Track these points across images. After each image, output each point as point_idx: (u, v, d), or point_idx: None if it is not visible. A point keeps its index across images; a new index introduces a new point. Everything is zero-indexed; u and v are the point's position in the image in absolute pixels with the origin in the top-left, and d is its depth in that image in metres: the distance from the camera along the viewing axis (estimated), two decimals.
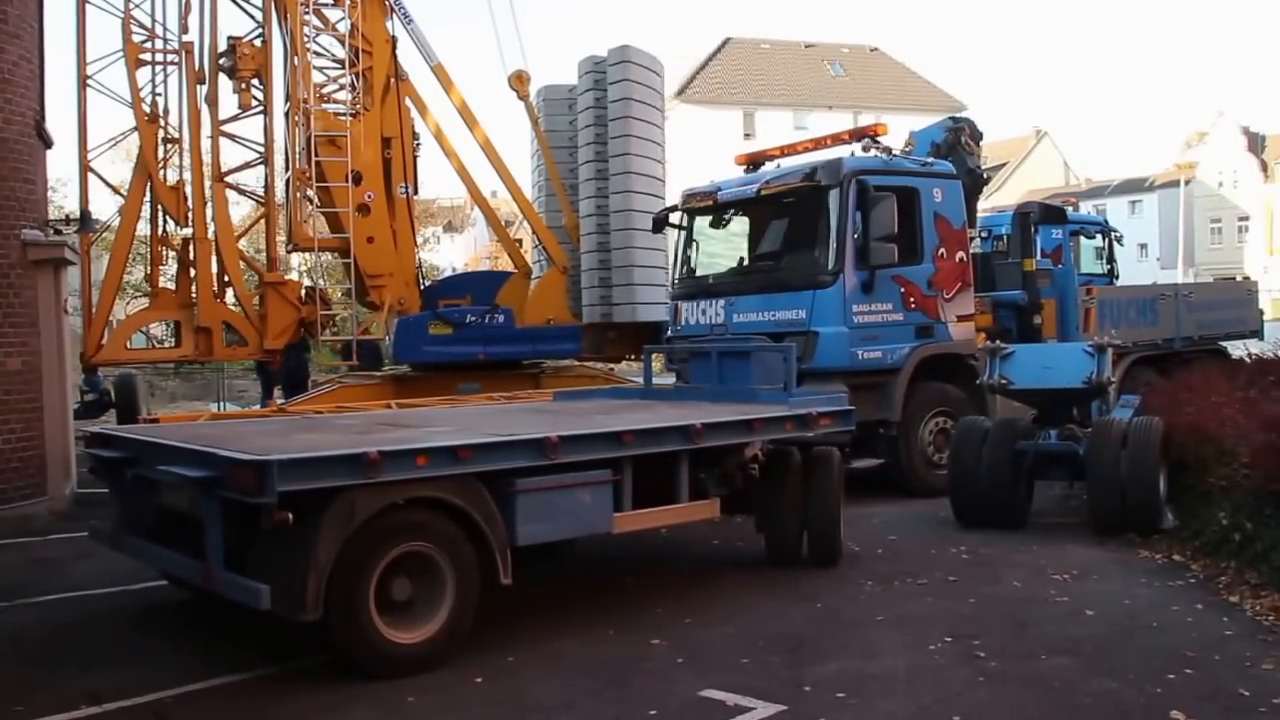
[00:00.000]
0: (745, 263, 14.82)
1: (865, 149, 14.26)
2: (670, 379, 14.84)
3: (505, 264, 23.31)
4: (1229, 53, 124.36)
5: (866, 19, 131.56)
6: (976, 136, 16.06)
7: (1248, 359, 15.66)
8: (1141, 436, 10.77)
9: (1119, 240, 21.90)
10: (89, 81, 16.40)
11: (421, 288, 18.15)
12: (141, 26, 16.77)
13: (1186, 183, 69.88)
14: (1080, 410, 12.10)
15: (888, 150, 14.22)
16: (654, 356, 13.55)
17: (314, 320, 16.92)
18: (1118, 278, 21.39)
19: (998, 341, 12.87)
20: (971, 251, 14.74)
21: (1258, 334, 18.70)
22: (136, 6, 16.75)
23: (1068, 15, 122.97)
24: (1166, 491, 10.88)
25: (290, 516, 6.39)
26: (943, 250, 13.88)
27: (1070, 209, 20.89)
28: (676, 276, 15.36)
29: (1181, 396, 12.50)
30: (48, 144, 15.17)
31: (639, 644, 7.57)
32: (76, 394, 16.43)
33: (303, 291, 17.57)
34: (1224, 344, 18.38)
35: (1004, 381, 12.00)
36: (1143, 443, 10.71)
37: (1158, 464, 10.72)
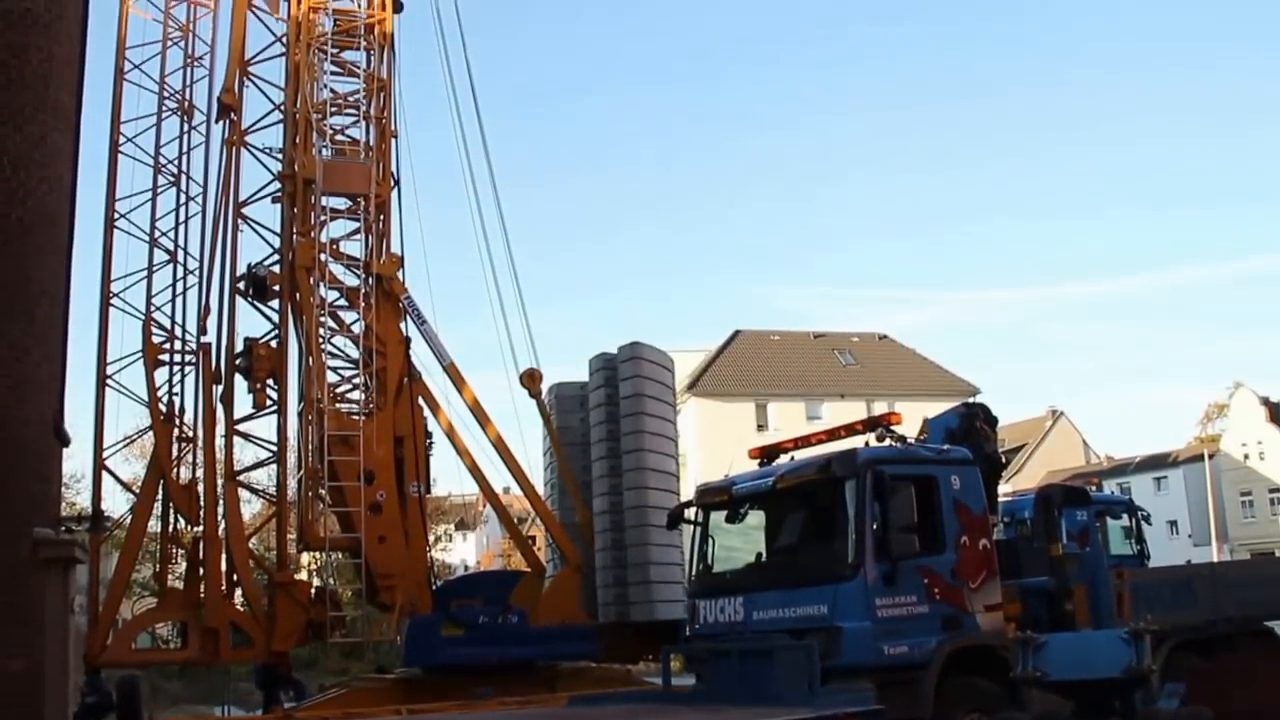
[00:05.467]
0: (763, 558, 14.52)
1: (880, 438, 14.15)
2: (690, 679, 14.30)
3: (518, 562, 23.07)
4: (1240, 322, 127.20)
5: (873, 308, 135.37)
6: (991, 421, 15.96)
7: None
8: None
9: (1146, 519, 21.53)
10: (108, 381, 16.66)
11: (433, 587, 17.84)
12: (161, 328, 17.19)
13: (1210, 457, 69.58)
14: (1122, 701, 11.55)
15: (902, 439, 14.12)
16: (672, 656, 13.10)
17: (323, 622, 16.55)
18: (1149, 558, 20.90)
19: (1029, 631, 12.40)
20: (994, 538, 14.40)
21: None
22: (158, 309, 17.20)
23: (1072, 294, 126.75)
24: None
25: None
26: (965, 538, 13.54)
27: (1093, 489, 20.64)
28: (693, 573, 15.00)
29: (1229, 684, 11.92)
30: (65, 443, 15.27)
31: None
32: (77, 695, 15.97)
33: (312, 592, 17.26)
34: (1270, 624, 17.65)
35: (1039, 673, 11.50)
36: None
37: None
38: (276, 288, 17.79)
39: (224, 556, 16.70)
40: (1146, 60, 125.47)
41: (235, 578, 16.93)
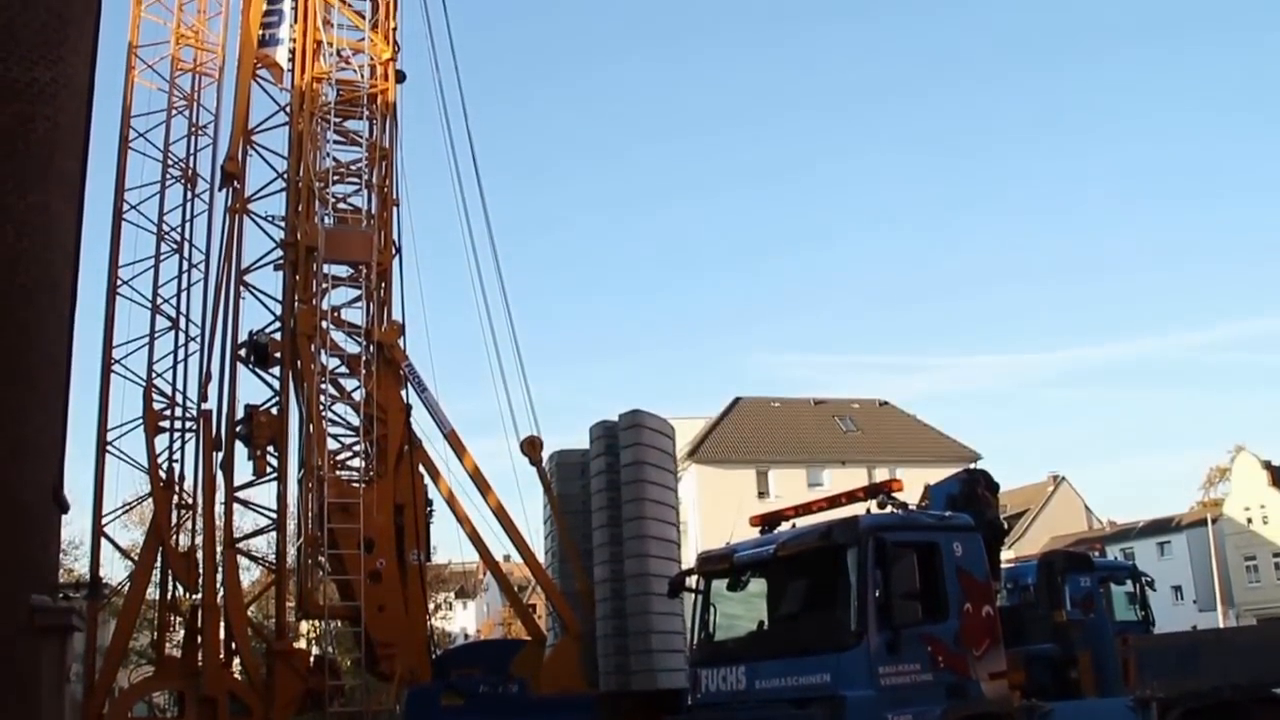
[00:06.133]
0: (765, 626, 14.38)
1: (881, 505, 14.06)
2: None
3: (519, 630, 22.89)
4: (1240, 386, 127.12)
5: (874, 375, 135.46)
6: (993, 487, 15.91)
7: None
8: None
9: (1151, 585, 21.35)
10: (108, 447, 16.67)
11: (433, 656, 17.70)
12: (162, 395, 17.22)
13: (1213, 521, 69.20)
14: None
15: (904, 506, 14.04)
16: None
17: (322, 691, 16.40)
18: (1154, 624, 20.71)
19: (1034, 699, 12.26)
20: (998, 604, 14.28)
21: None
22: (159, 376, 17.24)
23: (1072, 359, 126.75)
24: None
25: None
26: (968, 605, 13.40)
27: (1096, 555, 20.49)
28: (695, 642, 14.85)
29: None
30: (64, 509, 15.24)
31: None
32: None
33: (311, 660, 17.13)
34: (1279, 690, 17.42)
35: None
36: None
37: None
38: (278, 355, 17.83)
39: (222, 624, 16.59)
40: (1148, 114, 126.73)
41: (234, 646, 16.81)
